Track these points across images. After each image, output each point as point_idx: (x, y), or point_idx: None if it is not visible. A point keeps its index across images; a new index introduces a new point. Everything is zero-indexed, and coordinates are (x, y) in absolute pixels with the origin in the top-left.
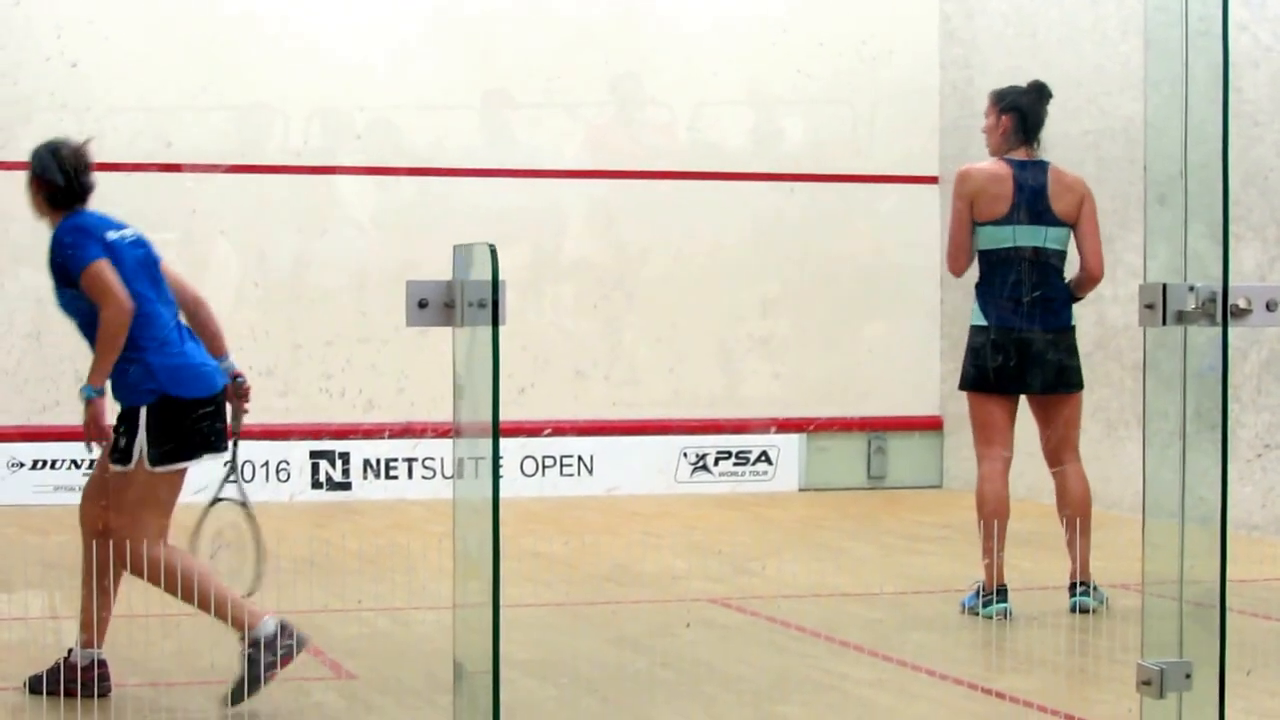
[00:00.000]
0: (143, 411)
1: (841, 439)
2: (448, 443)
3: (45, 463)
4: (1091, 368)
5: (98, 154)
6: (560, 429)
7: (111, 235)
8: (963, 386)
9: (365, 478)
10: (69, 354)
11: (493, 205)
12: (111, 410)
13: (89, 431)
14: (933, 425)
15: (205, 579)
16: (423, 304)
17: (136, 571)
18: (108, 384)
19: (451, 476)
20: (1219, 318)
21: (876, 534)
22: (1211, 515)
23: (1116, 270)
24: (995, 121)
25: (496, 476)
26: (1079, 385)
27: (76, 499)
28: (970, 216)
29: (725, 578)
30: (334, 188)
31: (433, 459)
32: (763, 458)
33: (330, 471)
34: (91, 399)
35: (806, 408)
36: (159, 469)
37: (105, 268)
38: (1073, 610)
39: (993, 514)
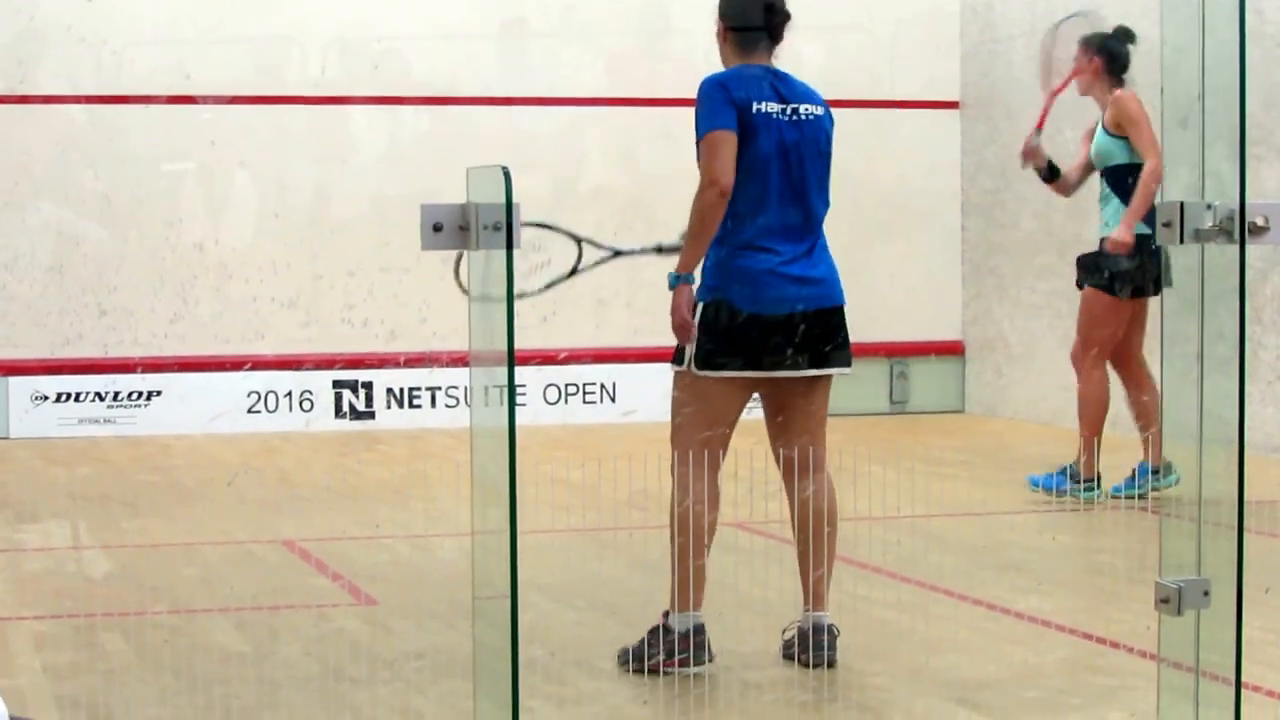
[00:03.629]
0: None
1: (863, 364)
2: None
3: (68, 395)
4: None
5: (114, 87)
6: (576, 355)
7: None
8: None
9: (388, 407)
10: (90, 287)
11: (512, 133)
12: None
13: (673, 321)
14: (954, 350)
15: (702, 533)
16: (438, 227)
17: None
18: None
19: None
20: (1237, 235)
21: (898, 458)
22: (1231, 436)
23: None
24: (1087, 63)
25: (513, 402)
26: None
27: (100, 431)
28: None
29: (745, 502)
30: (352, 118)
31: (455, 388)
32: None
33: (353, 401)
34: (674, 286)
35: None
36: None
37: (723, 139)
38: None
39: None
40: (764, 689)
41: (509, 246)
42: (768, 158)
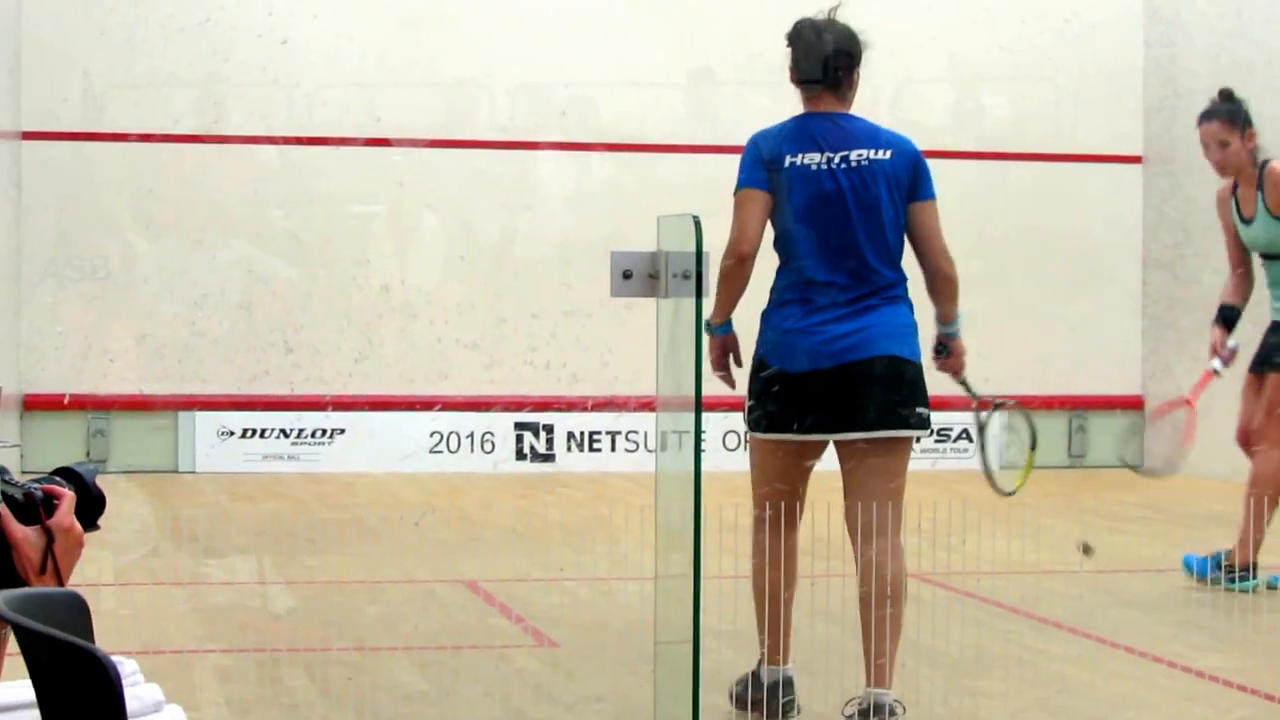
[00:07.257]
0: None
1: (1042, 417)
2: (651, 416)
3: (254, 431)
4: None
5: (305, 128)
6: None
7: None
8: None
9: (569, 450)
10: (278, 324)
11: (698, 181)
12: None
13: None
14: (1134, 405)
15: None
16: (627, 275)
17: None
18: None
19: (654, 450)
20: None
21: (1076, 512)
22: None
23: None
24: (1241, 141)
25: (699, 449)
26: None
27: (284, 468)
28: None
29: (924, 552)
30: (539, 163)
31: (636, 432)
32: (964, 435)
33: (534, 443)
34: (710, 335)
35: (1008, 386)
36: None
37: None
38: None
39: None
40: None
41: (698, 294)
42: (802, 212)
